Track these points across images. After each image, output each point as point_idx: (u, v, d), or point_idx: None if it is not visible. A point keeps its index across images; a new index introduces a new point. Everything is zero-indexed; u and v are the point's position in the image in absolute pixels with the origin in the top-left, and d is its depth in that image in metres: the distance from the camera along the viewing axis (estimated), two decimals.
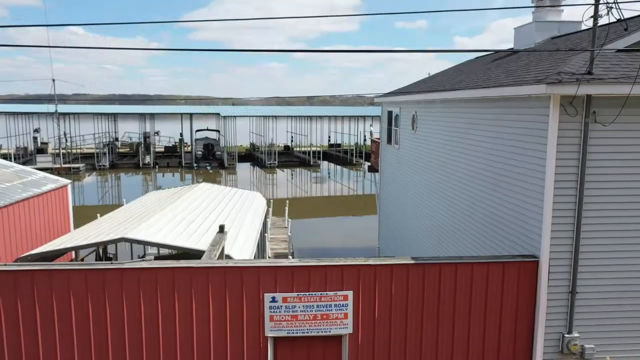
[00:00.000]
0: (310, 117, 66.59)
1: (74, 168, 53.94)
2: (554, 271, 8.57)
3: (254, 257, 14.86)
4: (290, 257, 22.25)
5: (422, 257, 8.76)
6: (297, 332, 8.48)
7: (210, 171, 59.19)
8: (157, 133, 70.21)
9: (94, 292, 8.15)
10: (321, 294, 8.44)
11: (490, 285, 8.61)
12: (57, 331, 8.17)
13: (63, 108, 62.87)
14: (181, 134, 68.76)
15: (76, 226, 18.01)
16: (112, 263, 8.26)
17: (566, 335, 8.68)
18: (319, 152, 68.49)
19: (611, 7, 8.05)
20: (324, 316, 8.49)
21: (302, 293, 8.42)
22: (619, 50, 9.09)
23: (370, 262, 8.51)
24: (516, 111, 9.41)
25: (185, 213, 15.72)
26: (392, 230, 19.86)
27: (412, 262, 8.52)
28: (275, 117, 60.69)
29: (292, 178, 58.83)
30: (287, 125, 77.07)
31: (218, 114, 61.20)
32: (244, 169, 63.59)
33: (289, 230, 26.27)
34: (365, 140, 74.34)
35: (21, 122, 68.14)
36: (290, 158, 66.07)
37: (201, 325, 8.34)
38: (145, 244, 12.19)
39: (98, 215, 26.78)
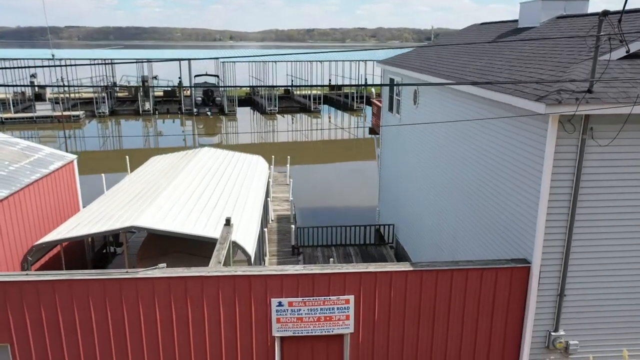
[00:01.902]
0: (311, 61, 65.37)
1: (73, 116, 53.73)
2: (544, 276, 9.08)
3: (259, 224, 15.41)
4: (292, 220, 22.92)
5: (420, 262, 9.23)
6: (302, 332, 9.11)
7: (210, 116, 59.00)
8: (155, 77, 69.26)
9: (112, 300, 8.71)
10: (324, 299, 9.00)
11: (484, 289, 9.15)
12: (80, 337, 8.79)
13: (59, 53, 61.78)
14: (180, 78, 67.89)
15: (84, 190, 18.38)
16: (127, 272, 8.76)
17: (553, 333, 9.33)
18: (319, 96, 67.89)
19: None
20: (327, 318, 9.10)
21: (307, 298, 8.98)
22: (621, 58, 9.13)
23: (371, 269, 9.00)
24: (517, 118, 9.57)
25: (192, 189, 16.11)
26: (391, 196, 20.32)
27: (411, 268, 9.02)
28: (275, 61, 59.60)
29: (292, 122, 58.84)
30: (287, 68, 75.87)
31: (217, 58, 60.07)
32: (244, 115, 63.35)
33: (291, 192, 26.78)
34: (366, 82, 73.46)
35: (17, 69, 66.90)
36: (290, 103, 65.61)
37: (213, 327, 8.96)
38: (154, 231, 12.66)
39: (103, 176, 27.21)
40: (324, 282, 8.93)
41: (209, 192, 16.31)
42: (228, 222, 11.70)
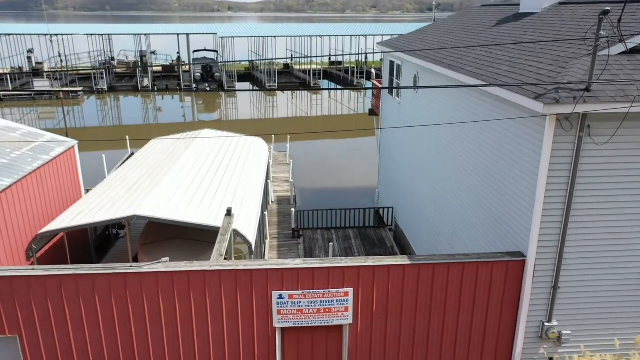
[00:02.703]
0: (311, 36, 64.63)
1: (72, 92, 53.42)
2: (539, 270, 9.29)
3: (260, 209, 15.60)
4: (292, 201, 23.12)
5: (417, 256, 9.43)
6: (302, 323, 9.37)
7: (209, 90, 58.62)
8: (153, 52, 68.57)
9: (117, 293, 8.93)
10: (324, 291, 9.23)
11: (480, 282, 9.37)
12: (87, 329, 9.05)
13: (55, 28, 61.01)
14: (178, 53, 67.23)
15: (85, 169, 18.42)
16: (131, 266, 8.97)
17: (546, 324, 9.59)
18: (319, 71, 67.34)
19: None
20: (327, 310, 9.34)
21: (307, 290, 9.20)
22: (620, 53, 9.13)
23: (369, 263, 9.20)
24: (515, 112, 9.63)
25: (192, 174, 16.23)
26: (391, 179, 20.46)
27: (409, 262, 9.22)
28: (275, 36, 58.94)
29: (292, 98, 58.58)
30: (286, 43, 75.04)
31: (215, 33, 59.37)
32: (243, 91, 62.99)
33: (291, 173, 26.91)
34: (366, 58, 72.82)
35: (13, 43, 66.32)
36: (290, 79, 65.15)
37: (216, 319, 9.21)
38: (156, 220, 12.83)
39: (103, 156, 27.29)
40: (324, 276, 9.14)
41: (210, 177, 16.44)
42: (229, 213, 11.89)
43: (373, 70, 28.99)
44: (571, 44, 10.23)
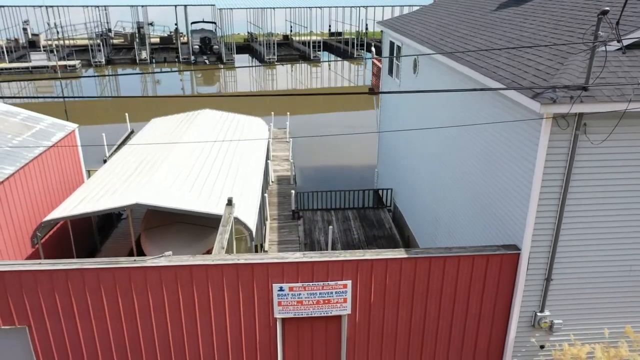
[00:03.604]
0: (310, 7, 63.63)
1: (69, 66, 52.99)
2: (533, 262, 9.53)
3: (260, 193, 15.81)
4: (292, 181, 23.29)
5: (414, 249, 9.66)
6: (302, 314, 9.67)
7: (208, 63, 58.11)
8: (151, 24, 67.59)
9: (122, 287, 9.19)
10: (323, 284, 9.49)
11: (475, 274, 9.62)
12: (93, 320, 9.35)
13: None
14: (176, 24, 66.35)
15: (83, 140, 18.49)
16: (135, 261, 9.20)
17: (539, 314, 9.89)
18: (319, 43, 66.56)
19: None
20: (326, 301, 9.62)
21: (307, 283, 9.46)
22: (619, 49, 9.15)
23: (367, 256, 9.43)
24: (513, 106, 9.70)
25: (193, 159, 16.34)
26: (390, 161, 20.58)
27: (405, 256, 9.45)
28: (273, 7, 58.04)
29: (292, 71, 58.11)
30: (285, 14, 73.90)
31: (213, 5, 58.44)
32: (242, 63, 62.37)
33: (291, 152, 27.00)
34: (367, 28, 71.89)
35: (8, 14, 65.28)
36: (289, 51, 64.46)
37: (218, 310, 9.50)
38: (158, 208, 13.02)
39: (103, 135, 27.32)
40: (323, 269, 9.38)
41: (210, 161, 16.56)
42: (230, 202, 12.07)
43: (373, 48, 28.71)
44: (571, 34, 10.22)
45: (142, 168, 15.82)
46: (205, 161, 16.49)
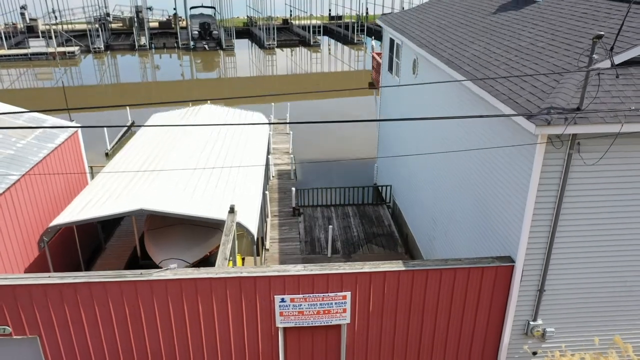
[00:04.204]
0: None
1: (69, 52, 52.76)
2: (527, 274, 9.83)
3: (262, 193, 16.08)
4: (292, 176, 23.53)
5: (412, 262, 9.94)
6: (303, 323, 10.01)
7: (207, 49, 57.90)
8: (149, 8, 67.04)
9: (129, 299, 9.51)
10: (323, 295, 9.81)
11: (470, 285, 9.94)
12: (102, 331, 9.69)
13: None
14: (175, 9, 65.86)
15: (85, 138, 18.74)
16: (141, 274, 9.50)
17: (531, 323, 10.23)
18: (318, 27, 66.18)
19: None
20: (326, 311, 9.95)
21: (307, 294, 9.78)
22: (613, 67, 9.30)
23: (366, 269, 9.73)
24: (508, 120, 9.89)
25: (194, 160, 16.56)
26: (389, 150, 20.78)
27: (403, 268, 9.75)
28: None
29: (292, 55, 57.91)
30: None
31: None
32: (242, 48, 62.11)
33: (291, 144, 27.18)
34: (367, 12, 71.31)
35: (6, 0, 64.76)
36: (289, 36, 64.07)
37: (221, 321, 9.83)
38: (162, 214, 13.28)
39: (105, 131, 27.43)
40: (323, 281, 9.69)
41: (212, 162, 16.78)
42: (232, 210, 12.32)
43: (373, 43, 28.62)
44: (567, 49, 10.36)
45: (144, 169, 16.04)
46: (206, 162, 16.71)
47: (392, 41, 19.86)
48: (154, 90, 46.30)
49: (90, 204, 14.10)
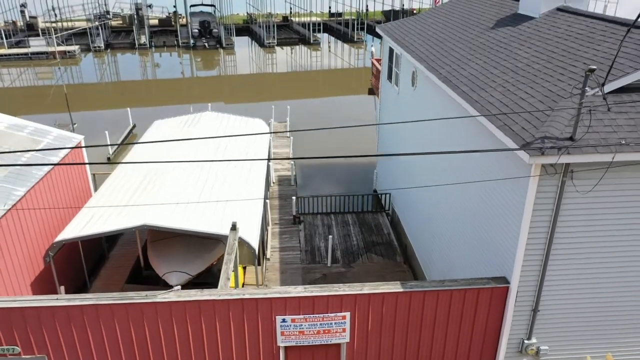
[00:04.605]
0: None
1: (69, 51, 52.82)
2: (521, 295, 10.10)
3: (263, 204, 16.35)
4: (292, 182, 23.76)
5: (409, 283, 10.22)
6: (304, 343, 10.29)
7: (208, 47, 57.98)
8: (150, 6, 66.98)
9: (135, 320, 9.79)
10: (323, 315, 10.09)
11: (466, 306, 10.21)
12: (108, 351, 9.98)
13: None
14: (175, 7, 65.83)
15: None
16: (147, 296, 9.77)
17: (526, 341, 10.52)
18: (318, 24, 66.18)
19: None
20: (326, 331, 10.24)
21: (308, 315, 10.06)
22: (607, 93, 9.52)
23: (365, 291, 10.00)
24: (504, 145, 10.12)
25: (197, 173, 16.80)
26: (389, 164, 21.01)
27: (401, 290, 10.02)
28: None
29: (292, 54, 58.00)
30: None
31: None
32: (242, 46, 62.14)
33: (291, 149, 27.38)
34: (367, 9, 71.23)
35: None
36: (289, 34, 64.07)
37: (224, 340, 10.12)
38: (165, 229, 13.54)
39: (106, 133, 27.64)
40: (323, 302, 9.96)
41: (213, 174, 17.00)
42: (234, 227, 12.58)
43: (373, 49, 28.75)
44: (562, 74, 10.57)
45: (147, 182, 16.28)
46: (208, 175, 16.94)
47: (391, 50, 20.02)
48: (154, 88, 46.54)
49: (94, 219, 14.35)
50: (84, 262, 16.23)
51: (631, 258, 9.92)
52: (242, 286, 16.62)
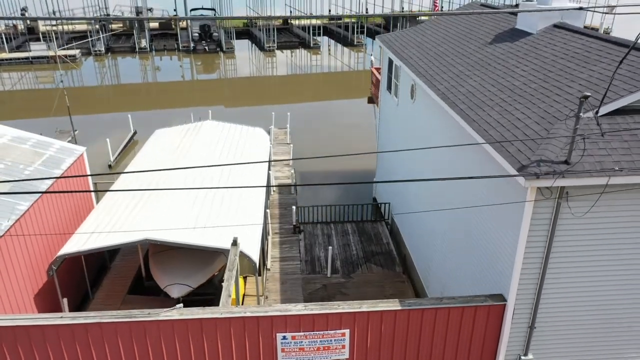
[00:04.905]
0: None
1: (70, 56, 52.97)
2: (518, 312, 10.29)
3: (263, 215, 16.53)
4: (293, 190, 23.93)
5: (408, 301, 10.39)
6: (304, 359, 10.47)
7: (208, 50, 58.21)
8: (150, 10, 67.16)
9: (138, 338, 9.96)
10: (323, 333, 10.27)
11: (464, 323, 10.39)
12: None
13: None
14: (175, 10, 66.00)
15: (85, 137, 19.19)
16: (150, 314, 9.94)
17: (523, 357, 10.71)
18: (318, 27, 66.42)
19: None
20: (325, 348, 10.42)
21: (308, 332, 10.23)
22: (602, 115, 9.70)
23: (364, 308, 10.18)
24: (501, 169, 10.30)
25: (197, 183, 16.97)
26: (388, 173, 21.19)
27: (400, 308, 10.20)
28: None
29: (292, 57, 58.22)
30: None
31: None
32: (242, 50, 62.31)
33: (291, 154, 27.54)
34: (367, 11, 71.39)
35: (6, 4, 64.90)
36: (289, 38, 64.24)
37: (226, 357, 10.29)
38: (167, 244, 13.72)
39: (108, 140, 27.80)
40: (323, 320, 10.14)
41: (215, 183, 17.16)
42: (235, 243, 12.75)
43: (373, 58, 28.96)
44: (558, 94, 10.74)
45: (148, 193, 16.44)
46: (210, 182, 17.10)
47: (390, 61, 20.19)
48: (155, 91, 46.80)
49: (96, 232, 14.52)
50: (86, 273, 16.40)
51: (626, 277, 10.11)
52: (243, 297, 16.80)
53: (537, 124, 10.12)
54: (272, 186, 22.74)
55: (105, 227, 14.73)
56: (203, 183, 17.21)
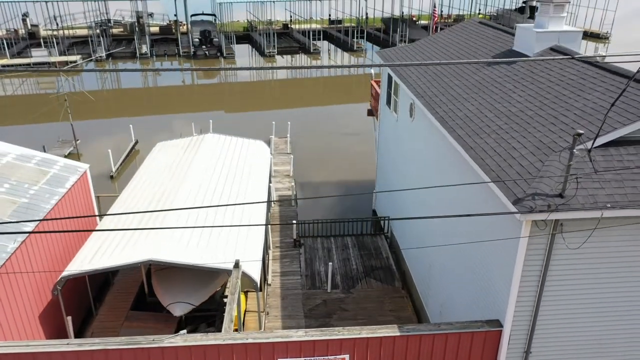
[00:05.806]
0: (310, 0, 63.40)
1: (71, 62, 53.22)
2: (514, 339, 10.53)
3: (264, 232, 16.76)
4: (293, 202, 24.17)
5: (406, 327, 10.63)
6: None
7: (208, 55, 58.57)
8: (150, 15, 67.40)
9: None
10: (324, 358, 10.51)
11: (461, 348, 10.64)
12: None
13: None
14: (175, 15, 66.22)
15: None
16: (153, 341, 10.18)
17: None
18: (318, 32, 66.66)
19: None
20: None
21: (309, 357, 10.48)
22: (596, 147, 9.94)
23: (364, 334, 10.42)
24: (498, 200, 10.54)
25: (199, 201, 17.20)
26: (387, 187, 21.42)
27: (398, 334, 10.44)
28: (273, 0, 57.92)
29: (292, 63, 58.46)
30: (285, 5, 73.53)
31: None
32: (242, 56, 62.53)
33: (292, 168, 27.77)
34: (367, 16, 71.62)
35: (8, 9, 65.14)
36: (289, 43, 64.45)
37: None
38: (171, 264, 13.95)
39: (109, 151, 27.99)
40: (323, 346, 10.38)
41: (216, 201, 17.39)
42: (237, 265, 12.99)
43: (372, 71, 29.20)
44: (553, 123, 10.98)
45: (150, 215, 16.67)
46: (211, 201, 17.34)
47: (390, 77, 20.42)
48: (155, 96, 47.11)
49: (100, 252, 14.75)
50: (90, 290, 16.64)
51: (619, 306, 10.35)
52: (245, 313, 17.03)
53: (532, 155, 10.35)
54: (273, 201, 22.95)
55: (109, 246, 14.96)
56: (204, 200, 17.43)
